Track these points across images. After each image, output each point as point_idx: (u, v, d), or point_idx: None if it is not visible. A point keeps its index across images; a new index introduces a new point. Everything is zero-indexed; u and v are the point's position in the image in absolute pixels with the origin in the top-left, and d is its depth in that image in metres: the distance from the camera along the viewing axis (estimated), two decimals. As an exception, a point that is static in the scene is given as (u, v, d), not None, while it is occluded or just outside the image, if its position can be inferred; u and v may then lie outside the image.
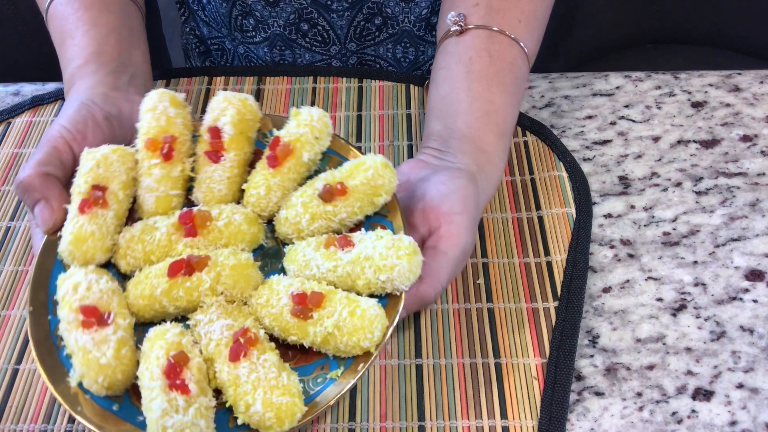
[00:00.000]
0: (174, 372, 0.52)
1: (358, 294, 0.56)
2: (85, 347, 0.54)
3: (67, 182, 0.61)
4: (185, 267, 0.56)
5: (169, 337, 0.54)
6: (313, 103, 0.82)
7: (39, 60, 1.17)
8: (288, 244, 0.61)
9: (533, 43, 0.71)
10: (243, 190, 0.62)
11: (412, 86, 0.83)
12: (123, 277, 0.60)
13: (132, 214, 0.63)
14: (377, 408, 0.58)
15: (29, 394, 0.60)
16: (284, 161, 0.60)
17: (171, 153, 0.61)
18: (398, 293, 0.56)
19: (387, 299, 0.57)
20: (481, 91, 0.66)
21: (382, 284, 0.55)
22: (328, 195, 0.58)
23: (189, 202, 0.63)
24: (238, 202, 0.63)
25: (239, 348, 0.53)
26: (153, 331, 0.55)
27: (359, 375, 0.54)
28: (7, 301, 0.66)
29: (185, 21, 1.00)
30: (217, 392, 0.54)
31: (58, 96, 0.84)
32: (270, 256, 0.62)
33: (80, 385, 0.54)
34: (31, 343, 0.56)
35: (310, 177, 0.63)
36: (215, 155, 0.61)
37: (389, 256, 0.54)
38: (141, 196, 0.62)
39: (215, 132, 0.62)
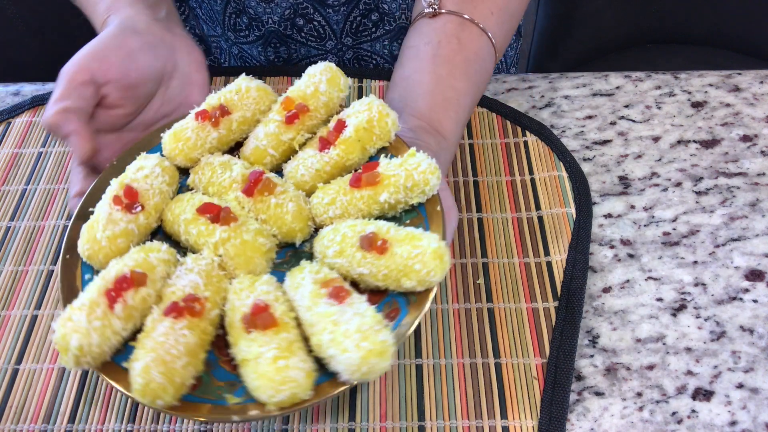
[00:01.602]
0: (121, 285, 0.52)
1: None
2: (98, 215, 0.57)
3: (90, 107, 0.62)
4: (213, 214, 0.56)
5: (152, 256, 0.55)
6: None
7: (39, 60, 1.17)
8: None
9: (502, 36, 0.71)
10: None
11: (412, 86, 0.83)
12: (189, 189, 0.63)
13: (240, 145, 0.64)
14: (377, 408, 0.58)
15: (29, 394, 0.60)
16: (364, 187, 0.57)
17: (293, 120, 0.61)
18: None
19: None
20: (445, 76, 0.67)
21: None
22: (366, 243, 0.54)
23: (281, 169, 0.63)
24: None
25: (175, 309, 0.51)
26: (152, 243, 0.57)
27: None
28: (7, 301, 0.66)
29: (185, 20, 1.00)
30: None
31: (58, 96, 0.84)
32: (300, 257, 0.59)
33: None
34: (80, 203, 0.60)
35: (383, 217, 0.58)
36: (325, 144, 0.60)
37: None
38: (249, 138, 0.63)
39: (340, 125, 0.61)
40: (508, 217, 0.70)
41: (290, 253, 0.60)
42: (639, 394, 0.59)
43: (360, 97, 0.82)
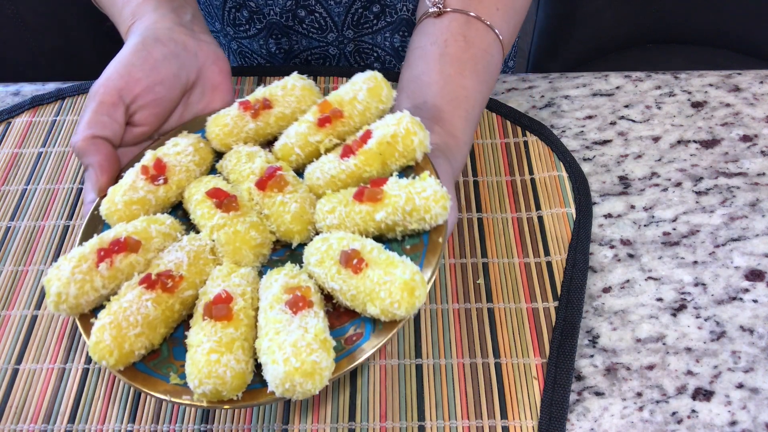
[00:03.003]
0: (113, 247, 0.55)
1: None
2: (124, 181, 0.60)
3: (116, 136, 0.63)
4: (219, 199, 0.58)
5: (153, 227, 0.57)
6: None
7: (39, 60, 1.17)
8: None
9: (509, 32, 0.71)
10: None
11: (412, 86, 0.83)
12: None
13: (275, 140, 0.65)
14: (377, 408, 0.58)
15: (29, 394, 0.60)
16: (365, 202, 0.55)
17: (324, 123, 0.61)
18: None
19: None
20: (454, 75, 0.66)
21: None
22: (344, 259, 0.52)
23: (303, 169, 0.62)
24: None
25: (147, 280, 0.53)
26: (160, 216, 0.59)
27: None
28: (7, 301, 0.66)
29: None
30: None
31: (58, 96, 0.84)
32: (297, 258, 0.58)
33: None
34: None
35: (382, 238, 0.57)
36: (347, 152, 0.59)
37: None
38: (283, 133, 0.64)
39: (366, 135, 0.59)
40: (508, 217, 0.70)
41: (288, 253, 0.59)
42: (639, 394, 0.59)
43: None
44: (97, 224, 0.60)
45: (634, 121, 0.79)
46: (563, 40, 1.25)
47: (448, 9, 0.68)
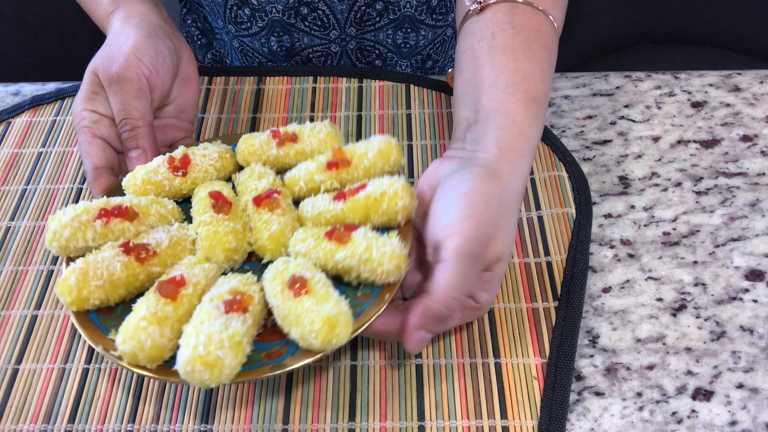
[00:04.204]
0: (113, 210, 0.60)
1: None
2: (151, 163, 0.65)
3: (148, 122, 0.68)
4: (217, 201, 0.62)
5: (155, 207, 0.62)
6: (313, 104, 0.82)
7: (39, 60, 1.17)
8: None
9: (559, 13, 0.68)
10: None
11: (412, 86, 0.83)
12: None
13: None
14: (377, 408, 0.58)
15: (29, 394, 0.60)
16: (332, 240, 0.57)
17: (332, 167, 0.64)
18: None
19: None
20: (506, 62, 0.63)
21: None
22: (290, 282, 0.54)
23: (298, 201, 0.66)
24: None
25: (125, 245, 0.57)
26: (165, 199, 0.63)
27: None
28: (7, 301, 0.66)
29: (187, 12, 1.00)
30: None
31: (58, 96, 0.84)
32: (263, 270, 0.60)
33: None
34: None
35: (340, 279, 0.58)
36: (340, 196, 0.61)
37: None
38: (297, 165, 0.68)
39: (361, 186, 0.61)
40: (508, 217, 0.70)
41: (260, 267, 0.61)
42: (639, 394, 0.59)
43: (360, 95, 0.82)
44: (118, 192, 0.65)
45: (634, 121, 0.79)
46: (563, 40, 1.24)
47: (491, 1, 0.66)
